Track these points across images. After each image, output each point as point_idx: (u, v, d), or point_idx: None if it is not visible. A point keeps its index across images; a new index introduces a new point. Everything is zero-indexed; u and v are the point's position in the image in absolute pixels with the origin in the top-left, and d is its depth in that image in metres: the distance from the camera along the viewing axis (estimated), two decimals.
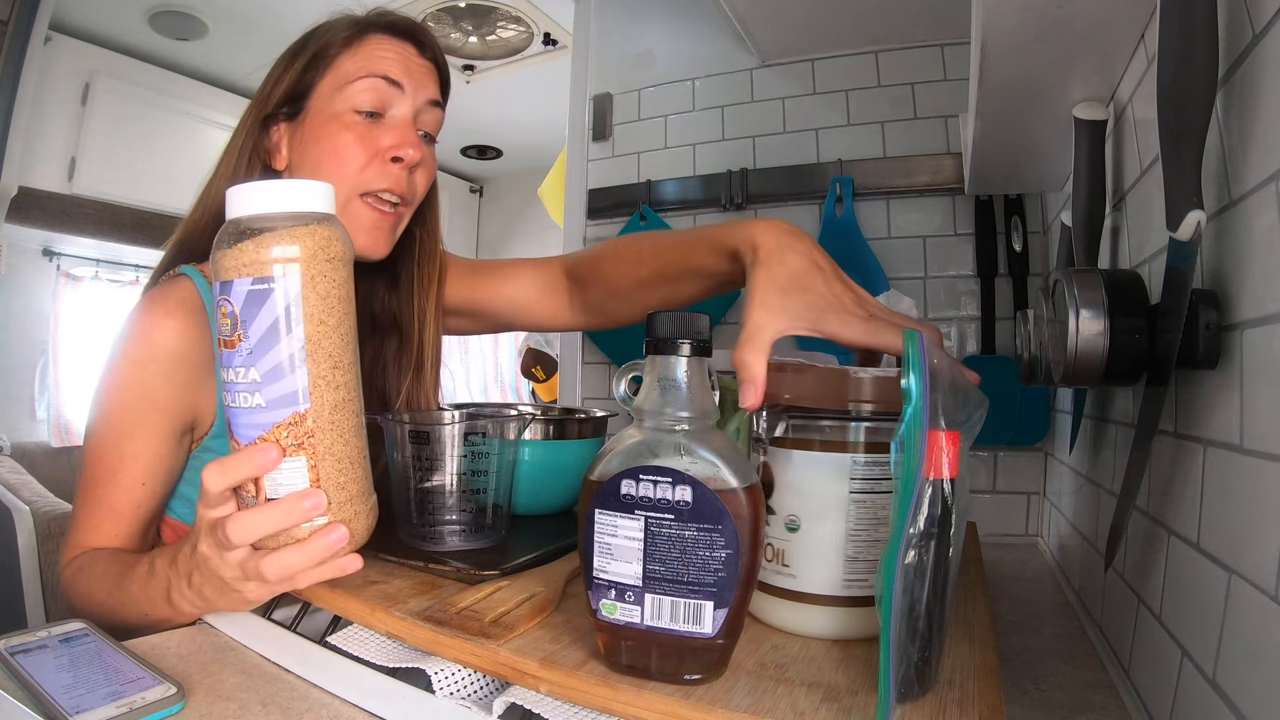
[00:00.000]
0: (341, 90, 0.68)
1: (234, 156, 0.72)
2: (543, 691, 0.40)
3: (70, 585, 0.62)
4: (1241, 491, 0.38)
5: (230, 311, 0.43)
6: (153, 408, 0.64)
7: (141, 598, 0.55)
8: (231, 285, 0.43)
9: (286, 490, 0.44)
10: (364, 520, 0.47)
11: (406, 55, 0.71)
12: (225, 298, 0.43)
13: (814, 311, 0.50)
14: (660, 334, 0.39)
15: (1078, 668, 0.62)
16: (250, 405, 0.43)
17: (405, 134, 0.69)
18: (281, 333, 0.43)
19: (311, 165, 0.70)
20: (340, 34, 0.70)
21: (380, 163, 0.69)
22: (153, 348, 0.64)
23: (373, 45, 0.70)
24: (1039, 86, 0.69)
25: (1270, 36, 0.36)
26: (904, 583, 0.35)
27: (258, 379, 0.43)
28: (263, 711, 0.42)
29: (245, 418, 0.44)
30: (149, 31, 2.36)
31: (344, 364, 0.45)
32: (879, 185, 1.26)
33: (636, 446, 0.38)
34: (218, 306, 0.44)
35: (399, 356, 0.80)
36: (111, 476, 0.64)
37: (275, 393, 0.43)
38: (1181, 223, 0.40)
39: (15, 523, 1.65)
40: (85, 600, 0.60)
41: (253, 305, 0.42)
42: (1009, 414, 1.11)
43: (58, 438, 2.62)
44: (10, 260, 2.40)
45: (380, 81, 0.69)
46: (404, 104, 0.70)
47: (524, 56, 2.52)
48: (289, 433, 0.44)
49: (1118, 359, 0.49)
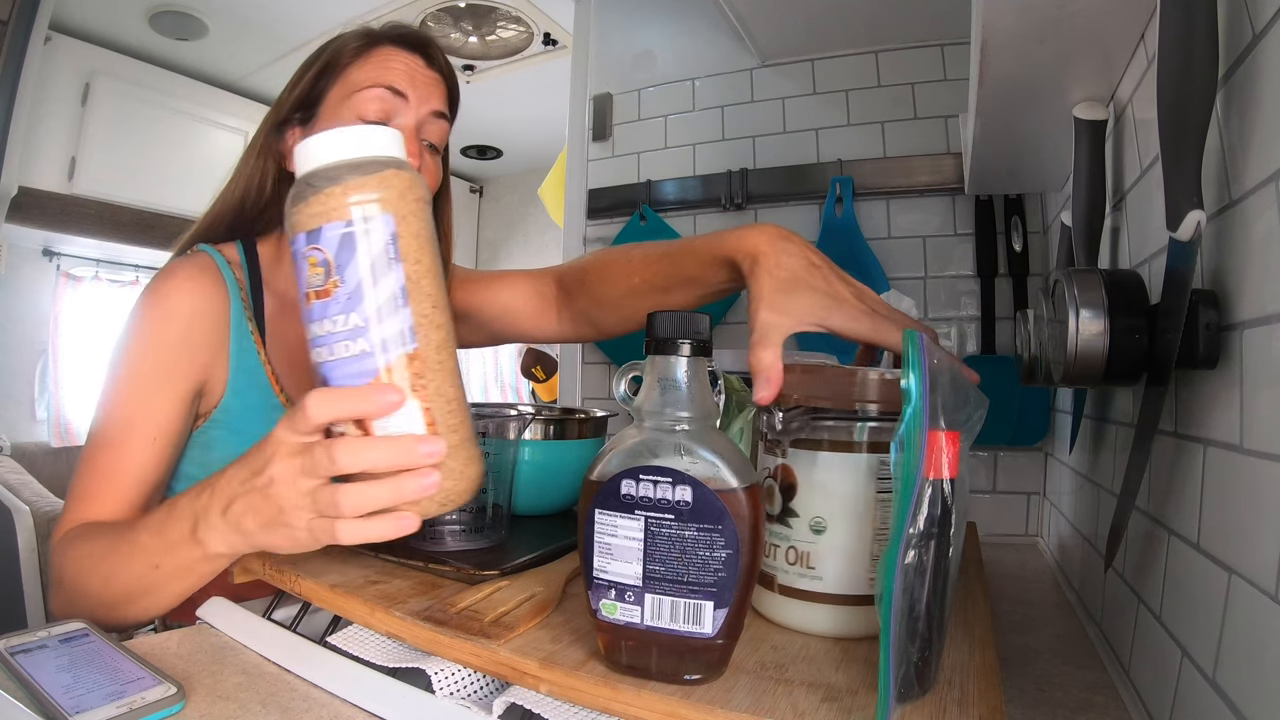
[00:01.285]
0: (349, 99, 0.70)
1: (252, 157, 0.75)
2: (543, 691, 0.40)
3: (59, 556, 0.59)
4: (1241, 491, 0.38)
5: (322, 259, 0.41)
6: (167, 367, 0.65)
7: (154, 545, 0.51)
8: (321, 231, 0.41)
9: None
10: (475, 467, 0.45)
11: (413, 67, 0.73)
12: (315, 246, 0.41)
13: (820, 309, 0.51)
14: (660, 334, 0.39)
15: (1078, 668, 0.62)
16: (353, 353, 0.42)
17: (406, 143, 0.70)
18: (382, 272, 0.41)
19: None
20: (352, 44, 0.72)
21: None
22: (171, 305, 0.66)
23: (381, 56, 0.72)
24: (1039, 86, 0.69)
25: (1270, 36, 0.36)
26: (904, 583, 0.35)
27: (360, 323, 0.41)
28: (263, 711, 0.42)
29: (347, 368, 0.42)
30: (149, 31, 2.36)
31: (441, 304, 0.44)
32: (879, 185, 1.26)
33: (636, 446, 0.38)
34: (304, 257, 0.42)
35: None
36: (120, 438, 0.64)
37: (380, 334, 0.41)
38: (1181, 223, 0.40)
39: (15, 523, 1.65)
40: (74, 568, 0.57)
41: (348, 248, 0.41)
42: (1009, 414, 1.11)
43: (58, 438, 2.62)
44: (10, 260, 2.40)
45: (385, 92, 0.70)
46: (408, 114, 0.72)
47: (524, 56, 2.52)
48: (399, 375, 0.42)
49: (1118, 359, 0.49)
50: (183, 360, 0.66)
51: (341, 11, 2.12)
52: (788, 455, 0.46)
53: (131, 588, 0.53)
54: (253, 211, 0.75)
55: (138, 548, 0.52)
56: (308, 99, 0.73)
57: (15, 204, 2.16)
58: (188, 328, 0.67)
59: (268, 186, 0.75)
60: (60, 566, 0.58)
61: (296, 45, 2.40)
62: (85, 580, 0.56)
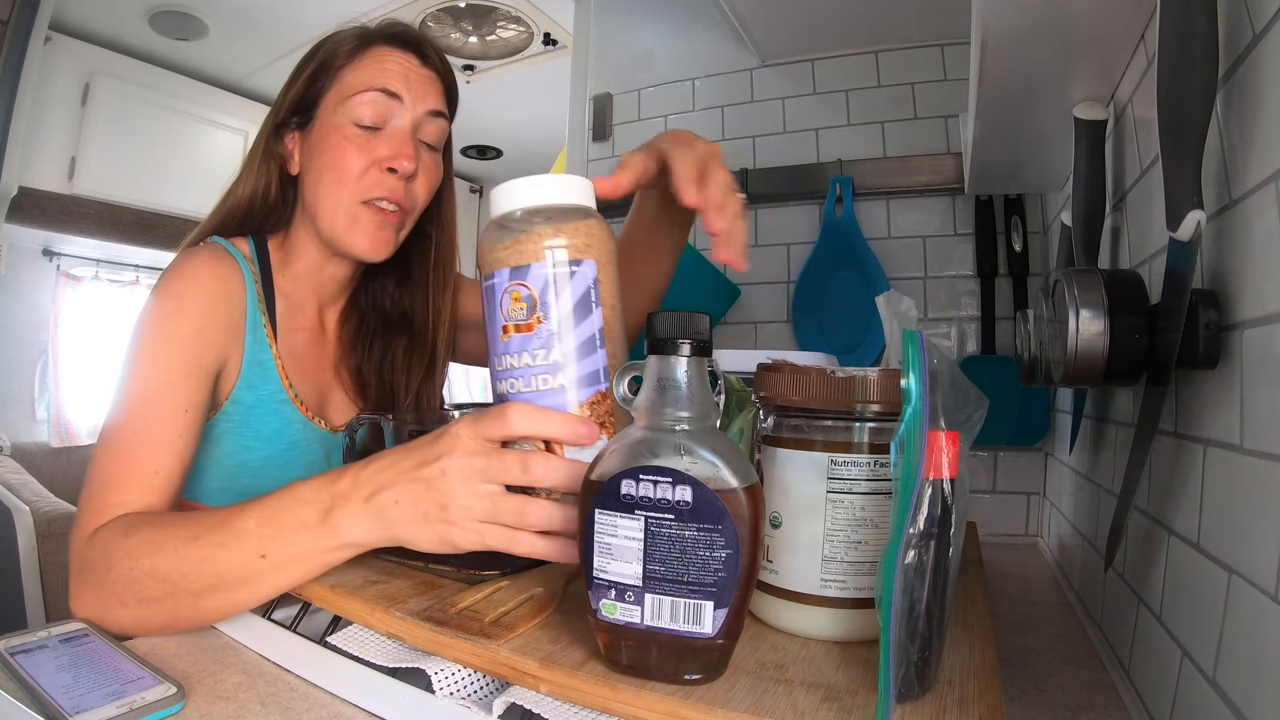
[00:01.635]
0: (345, 102, 0.70)
1: (255, 160, 0.75)
2: (543, 691, 0.40)
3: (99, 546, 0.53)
4: (1241, 491, 0.38)
5: (526, 295, 0.44)
6: (191, 345, 0.65)
7: (263, 533, 0.48)
8: (529, 269, 0.44)
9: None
10: None
11: (408, 66, 0.72)
12: (521, 282, 0.44)
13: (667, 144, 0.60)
14: (660, 334, 0.39)
15: (1078, 668, 0.62)
16: (550, 387, 0.45)
17: (401, 145, 0.71)
18: (583, 315, 0.45)
19: (316, 173, 0.72)
20: (346, 45, 0.72)
21: (377, 172, 0.71)
22: (195, 286, 0.66)
23: (375, 57, 0.72)
24: (1039, 86, 0.69)
25: (1270, 36, 0.36)
26: (904, 583, 0.35)
27: (559, 360, 0.45)
28: (263, 711, 0.42)
29: (542, 401, 0.45)
30: (149, 31, 2.36)
31: (625, 348, 0.48)
32: (879, 185, 1.26)
33: (636, 446, 0.38)
34: (506, 292, 0.45)
35: (409, 354, 0.82)
36: (146, 421, 0.61)
37: (579, 372, 0.45)
38: (1181, 223, 0.40)
39: (15, 523, 1.66)
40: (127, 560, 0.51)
41: (554, 288, 0.44)
42: (1009, 414, 1.11)
43: (58, 438, 2.62)
44: (10, 260, 2.40)
45: (380, 95, 0.70)
46: (404, 115, 0.71)
47: (524, 56, 2.52)
48: (592, 411, 0.45)
49: (1118, 359, 0.49)
50: (204, 340, 0.66)
51: (342, 11, 2.11)
52: (761, 451, 0.47)
53: (227, 577, 0.49)
54: (260, 213, 0.75)
55: (236, 535, 0.49)
56: (304, 102, 0.73)
57: (15, 204, 2.16)
58: (209, 309, 0.66)
59: (273, 191, 0.75)
60: (102, 557, 0.53)
61: (296, 45, 2.39)
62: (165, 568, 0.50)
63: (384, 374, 0.81)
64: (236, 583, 0.49)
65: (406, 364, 0.81)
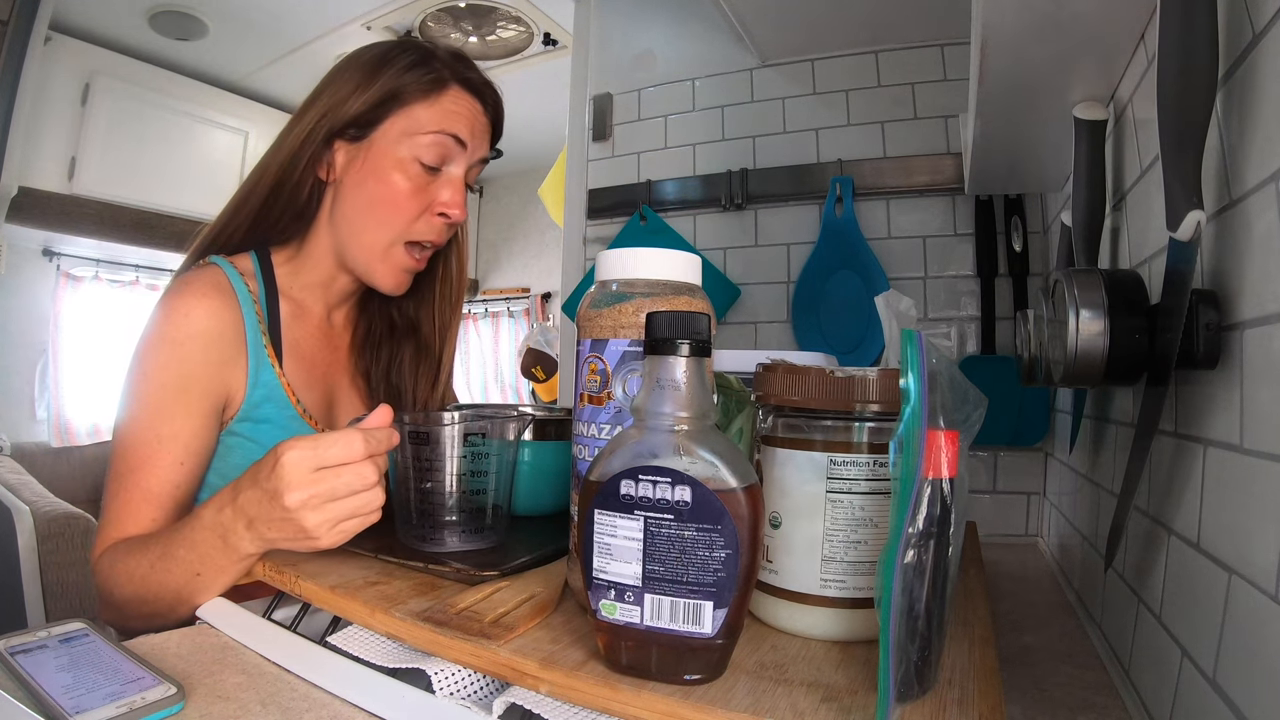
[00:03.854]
0: (411, 137, 0.71)
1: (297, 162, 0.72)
2: (543, 692, 0.40)
3: (106, 576, 0.62)
4: (1241, 491, 0.38)
5: (601, 369, 0.45)
6: (189, 386, 0.66)
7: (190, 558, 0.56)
8: (606, 344, 0.45)
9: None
10: None
11: (475, 113, 0.74)
12: (597, 355, 0.45)
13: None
14: (659, 334, 0.39)
15: (1078, 668, 0.62)
16: None
17: (457, 193, 0.73)
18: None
19: (366, 201, 0.72)
20: (421, 78, 0.71)
21: (429, 215, 0.73)
22: (189, 325, 0.67)
23: (449, 100, 0.73)
24: (1039, 86, 0.69)
25: (1270, 36, 0.36)
26: (904, 582, 0.35)
27: None
28: (263, 711, 0.42)
29: None
30: (149, 31, 2.37)
31: None
32: (879, 185, 1.26)
33: (636, 446, 0.38)
34: (585, 363, 0.46)
35: (415, 362, 0.84)
36: (150, 460, 0.65)
37: None
38: (1181, 223, 0.40)
39: (15, 523, 1.65)
40: (125, 585, 0.60)
41: (625, 366, 0.44)
42: (1009, 414, 1.11)
43: (58, 438, 2.62)
44: (10, 260, 2.40)
45: (449, 139, 0.72)
46: (462, 162, 0.73)
47: (524, 56, 2.52)
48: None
49: (1118, 359, 0.49)
50: (203, 380, 0.67)
51: (342, 11, 2.12)
52: (761, 451, 0.47)
53: (182, 592, 0.57)
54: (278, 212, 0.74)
55: (176, 561, 0.57)
56: (366, 119, 0.71)
57: (15, 204, 2.16)
58: (205, 350, 0.67)
59: (302, 195, 0.74)
60: (108, 584, 0.62)
61: (296, 45, 2.40)
62: (140, 593, 0.59)
63: (391, 378, 0.82)
64: (189, 596, 0.57)
65: (414, 370, 0.83)
